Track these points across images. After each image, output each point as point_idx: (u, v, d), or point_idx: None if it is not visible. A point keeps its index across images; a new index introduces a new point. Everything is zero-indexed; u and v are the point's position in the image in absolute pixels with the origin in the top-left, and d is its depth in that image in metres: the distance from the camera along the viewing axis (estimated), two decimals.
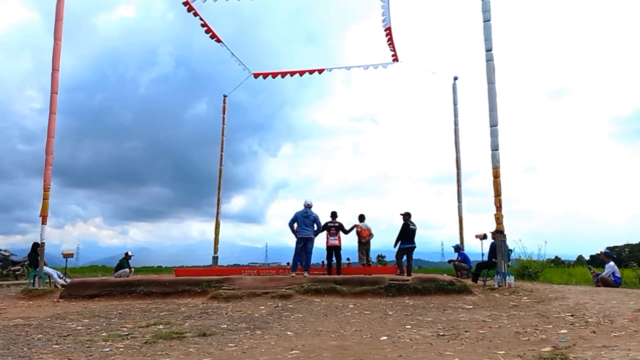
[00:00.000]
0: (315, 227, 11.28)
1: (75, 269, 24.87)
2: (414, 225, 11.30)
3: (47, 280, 11.83)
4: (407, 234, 11.20)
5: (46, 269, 11.73)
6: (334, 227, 11.69)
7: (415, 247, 11.39)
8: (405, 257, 11.32)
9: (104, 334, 5.58)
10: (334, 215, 11.88)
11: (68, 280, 12.21)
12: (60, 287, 11.48)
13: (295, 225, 11.23)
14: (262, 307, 7.88)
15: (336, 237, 11.64)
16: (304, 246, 11.14)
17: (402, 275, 10.51)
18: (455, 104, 17.25)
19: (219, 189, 18.42)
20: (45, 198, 11.20)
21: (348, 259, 18.80)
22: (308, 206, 11.28)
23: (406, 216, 11.39)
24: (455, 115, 17.23)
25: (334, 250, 11.67)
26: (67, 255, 13.04)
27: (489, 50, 10.65)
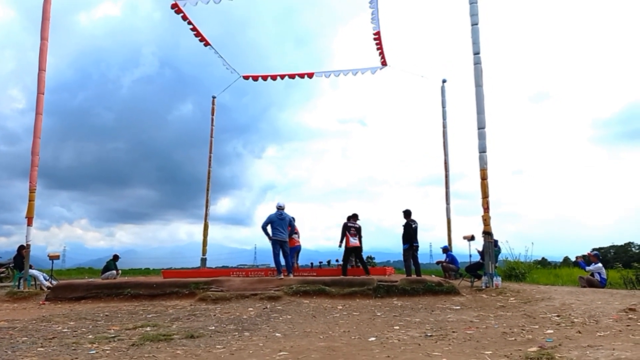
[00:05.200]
0: (290, 229, 11.28)
1: (61, 271, 24.63)
2: (415, 223, 11.28)
3: (33, 283, 11.69)
4: (411, 233, 11.16)
5: (32, 271, 11.59)
6: (354, 228, 11.74)
7: (418, 246, 11.37)
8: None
9: (90, 336, 5.52)
10: (355, 217, 11.93)
11: (54, 282, 12.07)
12: (45, 289, 11.35)
13: (269, 227, 11.11)
14: (251, 309, 7.85)
15: (357, 238, 11.66)
16: (281, 249, 11.08)
17: (411, 277, 10.45)
18: (443, 106, 17.36)
19: (208, 190, 18.31)
20: (31, 200, 11.07)
21: (337, 261, 18.86)
22: (281, 208, 11.19)
23: (407, 214, 11.35)
24: (444, 118, 17.35)
25: (355, 251, 11.67)
26: (53, 257, 12.89)
27: (476, 53, 10.73)
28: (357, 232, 11.74)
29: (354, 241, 11.60)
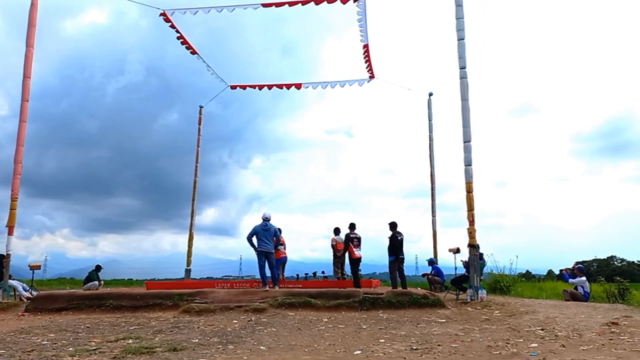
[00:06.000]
0: (275, 241, 11.19)
1: (42, 281, 24.15)
2: (400, 235, 11.29)
3: (12, 293, 11.45)
4: (397, 245, 11.16)
5: (11, 281, 11.36)
6: (356, 239, 11.67)
7: (404, 258, 11.36)
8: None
9: (70, 349, 5.41)
10: (353, 226, 11.86)
11: (34, 293, 11.84)
12: (25, 300, 11.12)
13: (254, 239, 10.98)
14: (235, 321, 7.77)
15: (359, 249, 11.61)
16: (267, 260, 10.97)
17: (396, 289, 10.41)
18: (430, 119, 17.52)
19: (193, 200, 18.18)
20: (12, 208, 10.89)
21: (323, 272, 18.80)
22: (267, 219, 11.09)
23: (393, 227, 11.35)
24: (430, 131, 17.49)
25: (358, 262, 11.64)
26: (34, 267, 12.63)
27: (462, 68, 10.88)
28: (359, 242, 11.73)
29: (357, 252, 11.57)
